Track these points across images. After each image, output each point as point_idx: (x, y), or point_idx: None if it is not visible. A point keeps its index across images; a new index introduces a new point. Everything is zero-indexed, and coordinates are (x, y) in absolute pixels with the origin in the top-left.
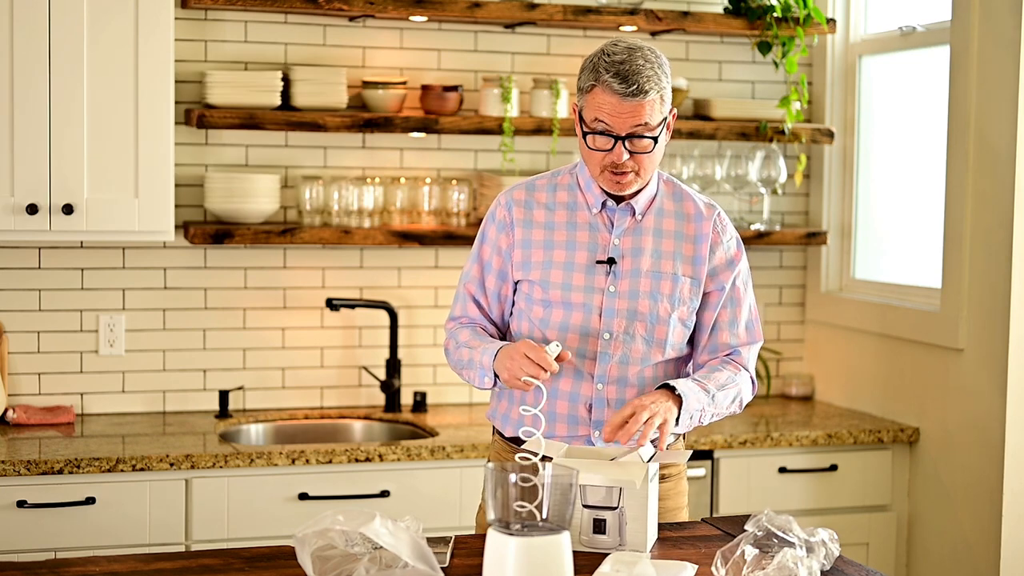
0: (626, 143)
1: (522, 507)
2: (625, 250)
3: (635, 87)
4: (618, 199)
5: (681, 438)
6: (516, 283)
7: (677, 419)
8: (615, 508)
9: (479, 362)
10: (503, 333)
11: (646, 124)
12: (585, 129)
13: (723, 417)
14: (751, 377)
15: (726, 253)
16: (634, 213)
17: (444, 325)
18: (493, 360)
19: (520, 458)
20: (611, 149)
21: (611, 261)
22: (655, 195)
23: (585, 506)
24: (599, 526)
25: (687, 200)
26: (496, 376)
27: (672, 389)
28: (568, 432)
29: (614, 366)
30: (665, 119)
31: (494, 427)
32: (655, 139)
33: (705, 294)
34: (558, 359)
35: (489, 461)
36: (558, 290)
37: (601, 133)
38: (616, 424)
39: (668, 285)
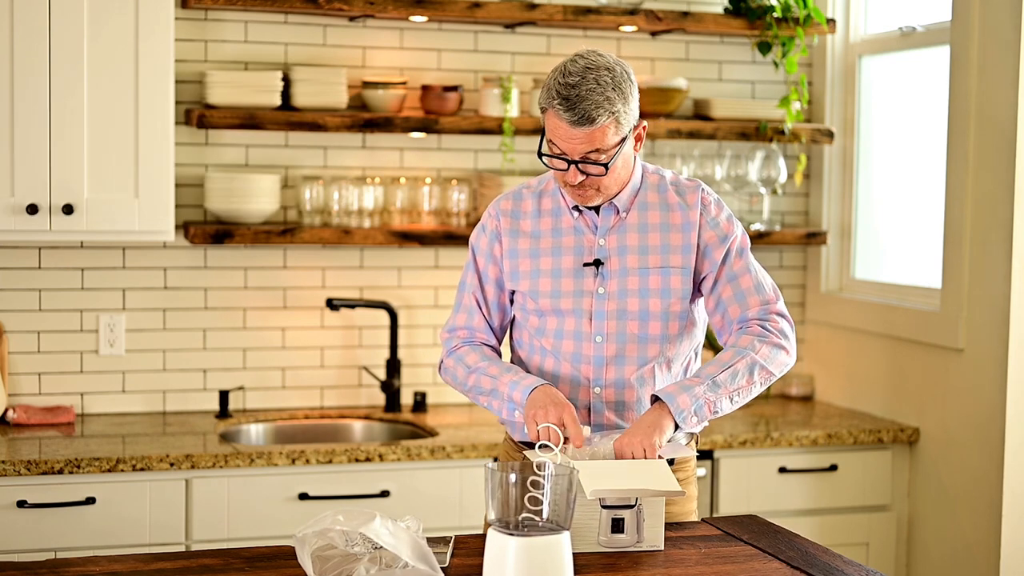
0: (579, 166)
1: (521, 505)
2: (611, 249)
3: (581, 115)
4: None
5: (693, 439)
6: (511, 293)
7: (677, 426)
8: (633, 506)
9: (507, 395)
10: (500, 340)
11: (598, 150)
12: (543, 149)
13: (757, 392)
14: (776, 341)
15: (714, 231)
16: (618, 211)
17: (440, 336)
18: (527, 396)
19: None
20: (566, 170)
21: (597, 263)
22: (638, 189)
23: (603, 506)
24: (617, 525)
25: (670, 190)
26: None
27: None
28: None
29: (611, 368)
30: (624, 138)
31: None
32: (606, 165)
33: (702, 277)
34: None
35: (496, 459)
36: (547, 299)
37: (557, 156)
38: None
39: (656, 280)
